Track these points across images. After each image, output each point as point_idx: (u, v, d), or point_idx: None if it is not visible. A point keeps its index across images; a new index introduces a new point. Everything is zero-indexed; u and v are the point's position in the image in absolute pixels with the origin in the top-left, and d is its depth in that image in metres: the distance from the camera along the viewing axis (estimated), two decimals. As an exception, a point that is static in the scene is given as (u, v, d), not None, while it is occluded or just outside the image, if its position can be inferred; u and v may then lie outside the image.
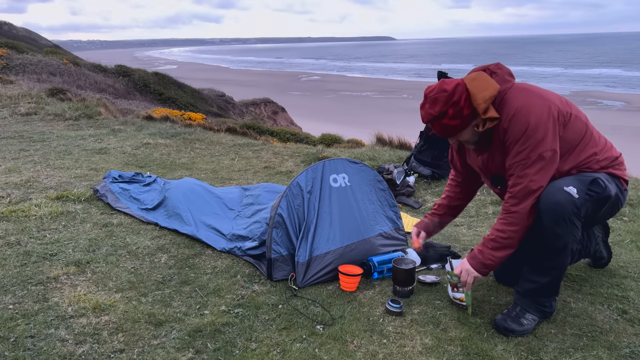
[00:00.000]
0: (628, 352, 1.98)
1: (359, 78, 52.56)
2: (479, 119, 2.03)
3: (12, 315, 2.18)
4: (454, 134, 2.12)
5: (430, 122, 2.10)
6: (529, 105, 1.98)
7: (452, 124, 2.05)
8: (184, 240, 3.09)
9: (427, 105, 2.07)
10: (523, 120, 1.96)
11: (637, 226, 3.30)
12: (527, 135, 1.95)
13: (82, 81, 14.03)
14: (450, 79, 2.09)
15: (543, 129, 1.95)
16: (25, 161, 4.99)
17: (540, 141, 1.95)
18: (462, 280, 2.20)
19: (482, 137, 2.13)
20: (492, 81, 2.04)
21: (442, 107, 2.02)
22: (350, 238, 2.65)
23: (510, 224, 2.05)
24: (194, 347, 2.01)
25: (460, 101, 2.00)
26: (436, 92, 2.03)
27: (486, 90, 2.00)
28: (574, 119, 2.04)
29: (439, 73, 4.76)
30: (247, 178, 4.68)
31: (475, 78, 2.05)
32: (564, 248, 2.03)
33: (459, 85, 2.02)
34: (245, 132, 7.37)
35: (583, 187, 2.00)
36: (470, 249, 2.24)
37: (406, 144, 6.22)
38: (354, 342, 2.05)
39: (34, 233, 3.12)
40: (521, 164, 1.99)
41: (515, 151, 2.00)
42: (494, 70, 2.10)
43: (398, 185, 4.21)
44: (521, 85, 2.08)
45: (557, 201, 1.96)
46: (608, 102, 28.85)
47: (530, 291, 2.14)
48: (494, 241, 2.09)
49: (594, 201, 2.03)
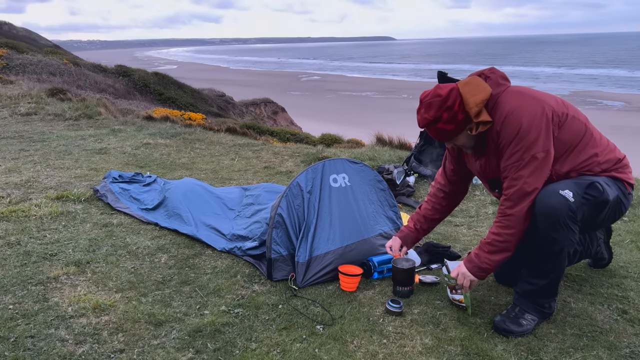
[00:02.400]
0: (628, 352, 1.98)
1: (359, 78, 52.56)
2: (472, 122, 2.04)
3: (12, 315, 2.19)
4: (449, 138, 2.12)
5: (426, 127, 2.11)
6: (521, 107, 1.98)
7: (447, 129, 2.05)
8: (184, 240, 3.09)
9: (422, 110, 2.08)
10: (515, 122, 1.96)
11: (637, 226, 3.31)
12: (519, 137, 1.95)
13: (82, 81, 14.04)
14: (445, 83, 2.10)
15: (536, 130, 1.94)
16: (25, 161, 4.99)
17: (533, 142, 1.94)
18: (459, 284, 2.20)
19: (477, 141, 2.13)
20: (485, 85, 2.04)
21: (437, 112, 2.02)
22: (350, 238, 2.65)
23: (506, 227, 2.04)
24: (194, 347, 2.01)
25: (454, 106, 2.01)
26: (430, 97, 2.05)
27: (478, 95, 2.00)
28: (571, 119, 2.03)
29: (439, 73, 4.77)
30: (247, 178, 4.68)
31: (468, 82, 2.05)
32: (560, 252, 2.03)
33: (452, 90, 2.02)
34: (245, 132, 7.37)
35: (579, 191, 1.98)
36: (468, 252, 2.24)
37: (406, 144, 6.22)
38: (354, 342, 2.05)
39: (34, 233, 3.12)
40: (515, 166, 1.99)
41: (509, 153, 1.99)
42: (488, 75, 2.11)
43: (398, 185, 4.21)
44: (515, 89, 2.07)
45: (551, 205, 1.95)
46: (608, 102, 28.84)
47: (529, 292, 2.14)
48: (491, 244, 2.09)
49: (591, 205, 2.00)
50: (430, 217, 2.53)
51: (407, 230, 2.55)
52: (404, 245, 2.54)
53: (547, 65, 63.16)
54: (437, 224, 2.61)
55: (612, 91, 34.86)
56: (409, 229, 2.55)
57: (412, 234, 2.54)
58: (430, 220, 2.54)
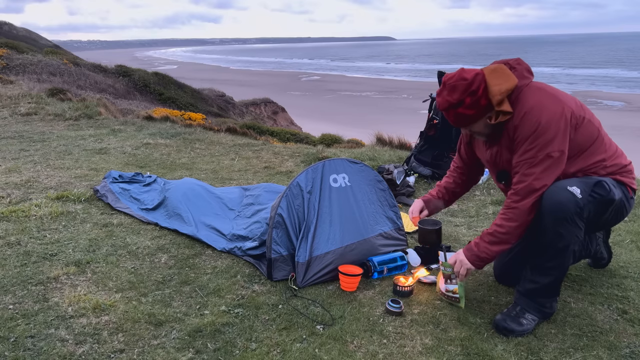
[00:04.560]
0: (628, 352, 1.98)
1: (359, 78, 52.57)
2: (493, 110, 2.02)
3: (12, 315, 2.19)
4: (467, 124, 2.10)
5: (446, 110, 2.09)
6: (542, 104, 1.97)
7: (468, 114, 2.03)
8: (184, 241, 3.09)
9: (445, 92, 2.05)
10: (534, 119, 1.95)
11: (637, 226, 3.30)
12: (536, 134, 1.95)
13: (82, 81, 14.04)
14: (470, 68, 2.08)
15: (554, 129, 1.94)
16: (25, 161, 4.99)
17: (550, 141, 1.95)
18: (455, 271, 2.21)
19: (493, 130, 2.12)
20: (512, 75, 2.02)
21: (461, 95, 2.00)
22: (350, 238, 2.65)
23: (510, 219, 2.05)
24: (194, 347, 2.01)
25: (478, 90, 1.98)
26: (455, 79, 2.01)
27: (504, 84, 1.98)
28: (587, 123, 2.04)
29: (439, 73, 4.76)
30: (247, 178, 4.68)
31: (495, 70, 2.03)
32: (565, 248, 2.03)
33: (478, 75, 2.00)
34: (245, 132, 7.37)
35: (587, 189, 2.00)
36: (468, 242, 2.25)
37: (406, 144, 6.23)
38: (354, 342, 2.05)
39: (34, 233, 3.12)
40: (528, 162, 1.99)
41: (524, 149, 2.00)
42: (514, 65, 2.09)
43: (398, 185, 4.21)
44: (537, 85, 2.06)
45: (559, 200, 1.96)
46: (608, 102, 28.85)
47: (531, 291, 2.14)
48: (492, 235, 2.10)
49: (598, 203, 2.02)
50: (451, 189, 2.59)
51: (430, 196, 2.60)
52: (425, 209, 2.58)
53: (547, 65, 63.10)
54: (457, 199, 2.68)
55: (612, 91, 34.87)
56: (432, 196, 2.60)
57: (434, 200, 2.59)
58: (451, 192, 2.60)
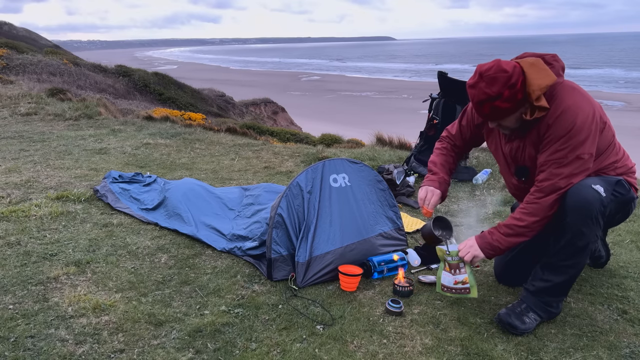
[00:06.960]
0: (628, 352, 1.99)
1: (359, 78, 52.56)
2: (527, 105, 1.98)
3: (12, 315, 2.18)
4: (501, 117, 2.04)
5: (481, 102, 1.99)
6: (577, 105, 1.96)
7: (504, 107, 1.97)
8: (184, 241, 3.09)
9: (482, 84, 1.95)
10: (570, 120, 1.94)
11: (637, 226, 3.31)
12: (570, 135, 1.94)
13: (82, 81, 14.03)
14: (505, 60, 1.99)
15: (587, 131, 1.94)
16: (25, 161, 4.99)
17: (581, 143, 1.94)
18: (460, 255, 2.17)
19: (523, 125, 2.08)
20: (550, 72, 1.98)
21: (500, 88, 1.92)
22: (350, 238, 2.65)
23: (530, 214, 2.04)
24: (194, 347, 2.01)
25: (517, 84, 1.92)
26: (495, 71, 1.93)
27: (544, 79, 1.94)
28: (607, 127, 2.07)
29: (439, 73, 4.77)
30: (247, 178, 4.68)
31: (534, 64, 1.98)
32: (585, 247, 2.02)
33: (516, 67, 1.94)
34: (245, 132, 7.36)
35: (609, 187, 2.02)
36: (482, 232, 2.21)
37: (406, 144, 6.23)
38: (354, 342, 2.05)
39: (34, 233, 3.12)
40: (557, 162, 1.98)
41: (554, 149, 1.98)
42: (550, 62, 2.06)
43: (398, 185, 4.21)
44: (571, 84, 2.05)
45: (585, 198, 1.96)
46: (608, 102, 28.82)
47: (542, 290, 2.13)
48: (508, 227, 2.08)
49: (618, 202, 2.05)
50: (453, 169, 2.50)
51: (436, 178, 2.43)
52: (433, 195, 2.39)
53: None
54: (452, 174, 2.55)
55: (612, 91, 34.86)
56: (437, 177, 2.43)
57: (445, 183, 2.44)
58: (451, 170, 2.49)
